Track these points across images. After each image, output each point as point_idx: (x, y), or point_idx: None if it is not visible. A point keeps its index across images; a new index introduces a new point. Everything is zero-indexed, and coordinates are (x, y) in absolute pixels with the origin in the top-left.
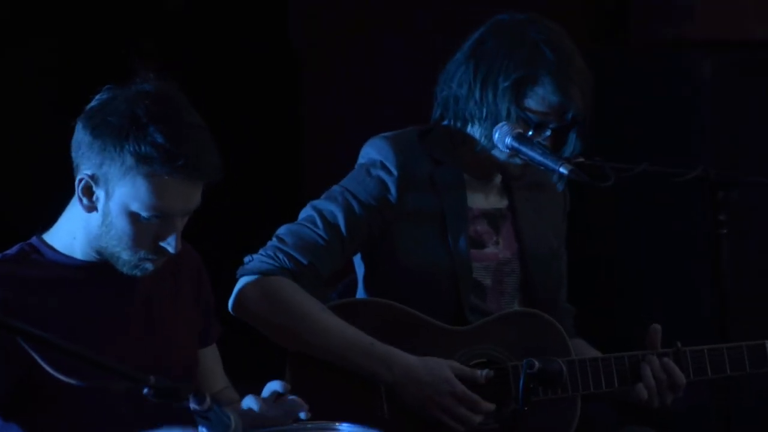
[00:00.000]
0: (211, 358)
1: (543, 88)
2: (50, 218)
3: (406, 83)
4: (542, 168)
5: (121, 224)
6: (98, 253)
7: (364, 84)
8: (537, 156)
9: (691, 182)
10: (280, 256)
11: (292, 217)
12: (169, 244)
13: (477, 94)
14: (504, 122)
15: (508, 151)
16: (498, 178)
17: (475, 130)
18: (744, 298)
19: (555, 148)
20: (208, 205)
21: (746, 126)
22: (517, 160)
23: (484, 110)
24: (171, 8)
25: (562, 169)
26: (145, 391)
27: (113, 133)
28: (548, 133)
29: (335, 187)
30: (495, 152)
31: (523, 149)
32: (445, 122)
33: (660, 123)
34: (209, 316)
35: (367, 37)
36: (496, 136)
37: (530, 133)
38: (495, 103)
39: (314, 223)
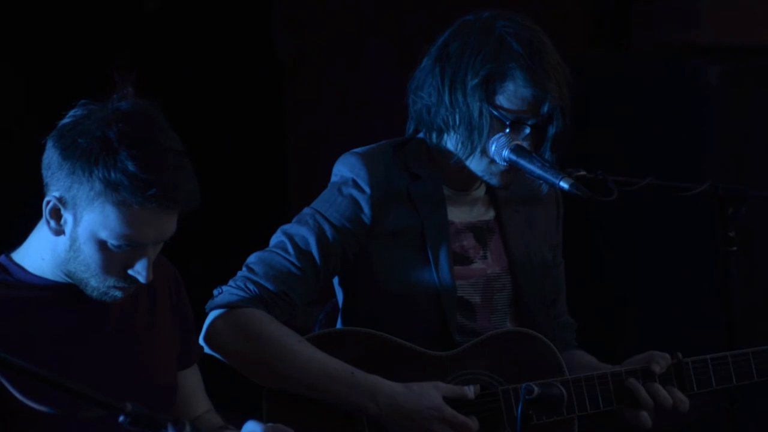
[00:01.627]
0: (191, 380)
1: (513, 82)
2: (20, 236)
3: (395, 91)
4: (541, 182)
5: (89, 251)
6: (67, 276)
7: (351, 92)
8: (536, 169)
9: (698, 197)
10: (251, 286)
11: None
12: (139, 274)
13: (447, 99)
14: (500, 134)
15: (505, 164)
16: (483, 189)
17: (451, 139)
18: (753, 317)
19: (536, 149)
20: (188, 221)
21: (756, 136)
22: (494, 178)
23: (456, 115)
24: (149, 13)
25: (562, 184)
26: (121, 419)
27: (83, 156)
28: (527, 131)
29: (306, 210)
30: (471, 163)
31: (522, 162)
32: (421, 134)
33: (665, 133)
34: (189, 335)
35: (354, 44)
36: (493, 148)
37: (507, 131)
38: (466, 104)
39: (285, 250)
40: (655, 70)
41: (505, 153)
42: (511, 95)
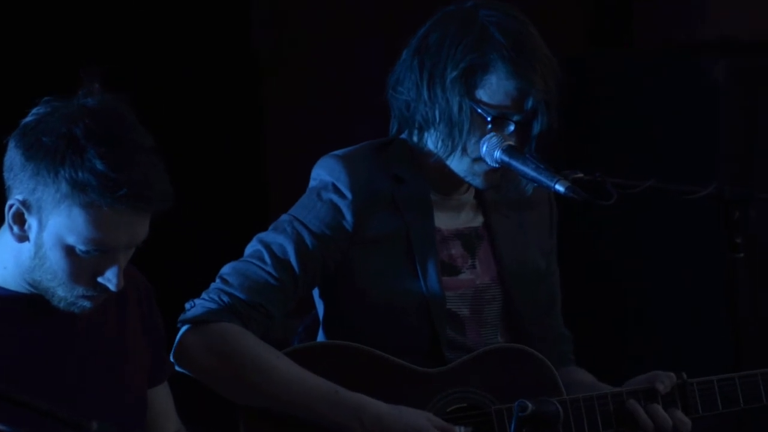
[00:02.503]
0: (162, 398)
1: (495, 74)
2: None
3: (379, 90)
4: (536, 185)
5: (55, 257)
6: (32, 285)
7: (332, 91)
8: (530, 172)
9: (703, 200)
10: (225, 298)
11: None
12: (109, 281)
13: (425, 94)
14: (493, 133)
15: (497, 165)
16: (471, 193)
17: (431, 137)
18: (762, 327)
19: (521, 147)
20: (158, 228)
21: (765, 135)
22: (477, 179)
23: (436, 111)
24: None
25: (558, 187)
26: None
27: (47, 155)
28: (512, 128)
29: (284, 216)
30: (452, 163)
31: (515, 164)
32: (403, 135)
33: (668, 133)
34: (160, 351)
35: (336, 41)
36: (484, 148)
37: (489, 127)
38: (445, 99)
39: (262, 260)
40: (658, 68)
41: (497, 154)
42: (493, 89)
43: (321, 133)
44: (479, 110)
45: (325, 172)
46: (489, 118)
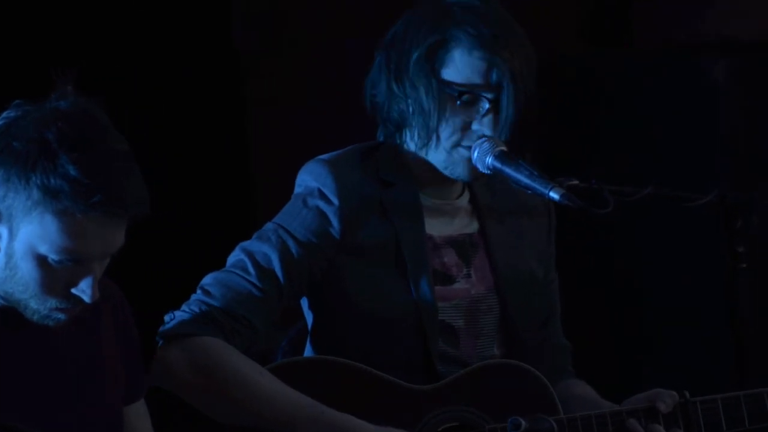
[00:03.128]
0: (139, 416)
1: (458, 49)
2: None
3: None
4: (529, 192)
5: (27, 268)
6: (4, 298)
7: (319, 92)
8: (523, 178)
9: (704, 207)
10: (207, 311)
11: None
12: (84, 292)
13: (395, 88)
14: (484, 138)
15: (489, 172)
16: (465, 198)
17: (411, 133)
18: (765, 340)
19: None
20: (136, 236)
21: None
22: (457, 169)
23: (409, 102)
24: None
25: (552, 194)
26: None
27: (18, 161)
28: (486, 106)
29: (268, 224)
30: (431, 156)
31: (507, 170)
32: (389, 138)
33: (668, 136)
34: (137, 366)
35: (323, 39)
36: (475, 154)
37: (458, 103)
38: (413, 86)
39: (245, 269)
40: (658, 68)
41: (489, 160)
42: (457, 65)
43: (306, 136)
44: (447, 90)
45: (310, 177)
46: (456, 94)
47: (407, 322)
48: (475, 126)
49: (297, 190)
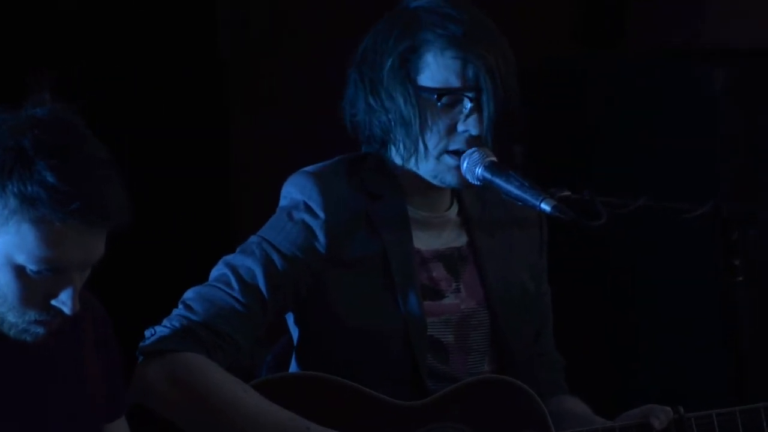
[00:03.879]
0: None
1: (430, 52)
2: None
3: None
4: (520, 203)
5: (4, 279)
6: None
7: (305, 101)
8: (514, 189)
9: (700, 219)
10: (188, 326)
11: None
12: (64, 304)
13: (372, 101)
14: (474, 149)
15: (479, 183)
16: (454, 210)
17: (395, 147)
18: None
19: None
20: (116, 247)
21: (766, 148)
22: (447, 176)
23: (389, 114)
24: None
25: (543, 206)
26: None
27: None
28: (468, 105)
29: (252, 238)
30: (419, 167)
31: (497, 181)
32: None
33: (663, 146)
34: (117, 383)
35: (309, 45)
36: (465, 165)
37: (438, 105)
38: (390, 97)
39: (228, 284)
40: (652, 75)
41: (479, 171)
42: (432, 68)
43: (290, 145)
44: (425, 95)
45: (296, 190)
46: (435, 97)
47: (395, 338)
48: (460, 127)
49: (282, 202)
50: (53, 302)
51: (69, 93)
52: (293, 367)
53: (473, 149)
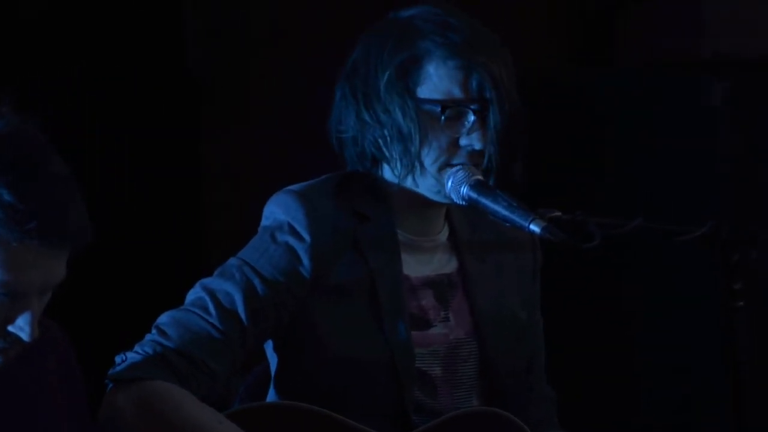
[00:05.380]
0: None
1: (431, 63)
2: None
3: (327, 117)
4: (508, 224)
5: None
6: None
7: (281, 118)
8: (501, 210)
9: (698, 241)
10: (162, 353)
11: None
12: (22, 330)
13: (367, 117)
14: (459, 167)
15: (464, 203)
16: (445, 233)
17: (390, 164)
18: (765, 386)
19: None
20: (81, 269)
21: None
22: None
23: (384, 131)
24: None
25: (533, 227)
26: None
27: None
28: (472, 118)
29: (232, 260)
30: (417, 184)
31: (483, 201)
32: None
33: (658, 164)
34: (83, 414)
35: (284, 61)
36: (449, 184)
37: (442, 120)
38: (386, 111)
39: (205, 309)
40: (646, 89)
41: (464, 190)
42: (433, 80)
43: (266, 165)
44: (426, 108)
45: (280, 210)
46: (439, 110)
47: (381, 368)
48: (463, 141)
49: (264, 222)
50: (10, 328)
51: (32, 107)
52: (271, 396)
53: (458, 167)
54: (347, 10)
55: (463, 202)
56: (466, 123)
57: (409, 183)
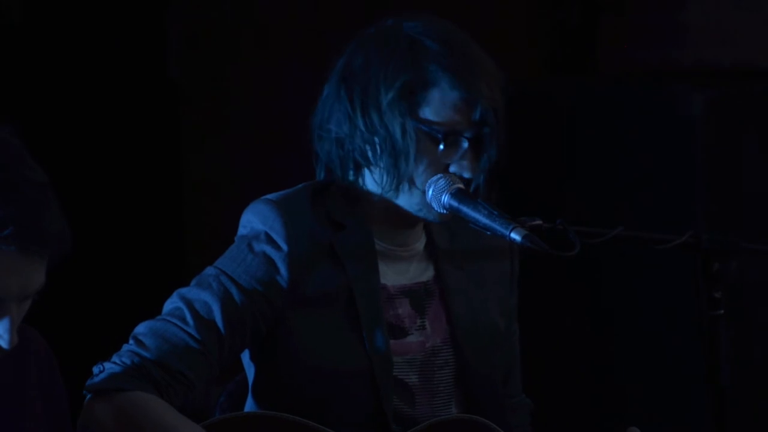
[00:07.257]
0: None
1: (437, 87)
2: None
3: (308, 124)
4: (488, 233)
5: None
6: None
7: (261, 124)
8: (482, 218)
9: (678, 250)
10: (140, 363)
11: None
12: (1, 337)
13: (361, 124)
14: (440, 175)
15: (444, 211)
16: (422, 242)
17: (373, 174)
18: (746, 395)
19: (476, 167)
20: (60, 279)
21: (749, 175)
22: (431, 213)
23: (376, 141)
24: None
25: (513, 235)
26: None
27: None
28: (465, 145)
29: (209, 269)
30: (401, 198)
31: (464, 209)
32: (337, 177)
33: (638, 173)
34: (63, 424)
35: (264, 66)
36: (430, 193)
37: (441, 147)
38: (384, 125)
39: (183, 319)
40: (626, 98)
41: (445, 198)
42: (437, 104)
43: (246, 171)
44: (426, 130)
45: (257, 219)
46: (440, 137)
47: (360, 377)
48: (452, 168)
49: (241, 231)
50: None
51: (9, 111)
52: (249, 406)
53: (438, 176)
54: (329, 18)
55: (444, 210)
56: (459, 150)
57: (390, 195)
